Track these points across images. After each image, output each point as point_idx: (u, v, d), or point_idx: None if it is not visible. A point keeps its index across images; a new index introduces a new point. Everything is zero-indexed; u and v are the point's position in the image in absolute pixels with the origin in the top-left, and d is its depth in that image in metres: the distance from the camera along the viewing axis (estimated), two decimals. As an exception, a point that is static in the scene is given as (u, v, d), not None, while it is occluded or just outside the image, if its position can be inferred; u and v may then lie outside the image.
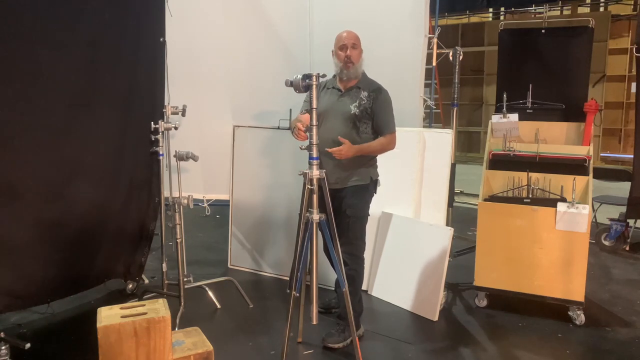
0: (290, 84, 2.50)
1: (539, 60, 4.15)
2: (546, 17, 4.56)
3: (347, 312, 2.58)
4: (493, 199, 3.33)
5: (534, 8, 9.71)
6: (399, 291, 3.02)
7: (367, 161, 2.90)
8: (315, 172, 2.52)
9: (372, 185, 2.93)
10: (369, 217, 2.95)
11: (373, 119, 2.83)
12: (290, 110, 3.51)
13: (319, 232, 2.59)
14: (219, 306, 3.36)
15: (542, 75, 4.09)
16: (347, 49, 2.78)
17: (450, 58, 3.91)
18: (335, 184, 2.83)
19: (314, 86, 2.43)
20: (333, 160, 2.77)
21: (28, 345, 2.66)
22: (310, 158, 2.50)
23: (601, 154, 9.45)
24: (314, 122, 2.47)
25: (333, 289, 3.18)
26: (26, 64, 2.66)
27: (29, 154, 2.74)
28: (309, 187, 2.54)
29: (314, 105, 2.44)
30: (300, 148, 2.57)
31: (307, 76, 2.44)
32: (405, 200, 3.53)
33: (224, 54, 3.89)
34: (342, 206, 2.83)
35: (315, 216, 2.53)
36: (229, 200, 4.11)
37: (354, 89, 2.83)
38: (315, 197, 2.53)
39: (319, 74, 2.46)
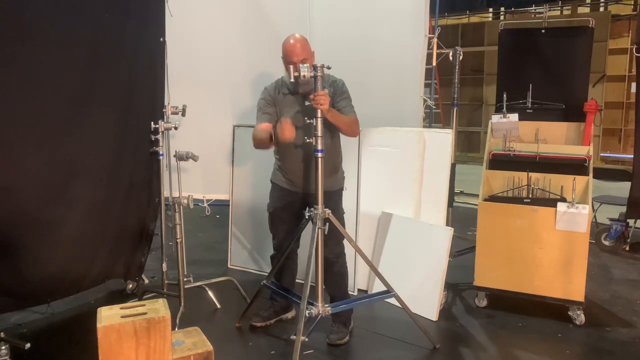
0: (296, 76, 2.47)
1: (539, 60, 4.14)
2: (546, 17, 4.54)
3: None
4: (493, 199, 3.33)
5: (534, 8, 9.72)
6: (399, 291, 3.02)
7: (341, 163, 2.97)
8: (322, 213, 2.58)
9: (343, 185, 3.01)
10: None
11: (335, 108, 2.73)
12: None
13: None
14: (219, 306, 3.36)
15: (542, 75, 4.09)
16: (295, 68, 2.59)
17: (450, 58, 3.91)
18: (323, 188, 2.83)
19: (319, 77, 2.45)
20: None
21: (28, 345, 2.66)
22: (315, 150, 2.54)
23: (601, 154, 9.45)
24: (318, 115, 2.50)
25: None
26: (26, 63, 2.66)
27: (28, 154, 2.73)
28: (320, 227, 2.58)
29: (320, 92, 2.46)
30: (306, 139, 2.59)
31: (314, 67, 2.45)
32: (405, 200, 3.53)
33: (224, 54, 3.89)
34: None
35: (322, 212, 2.57)
36: (229, 200, 4.11)
37: None
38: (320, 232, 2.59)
39: (323, 65, 2.48)
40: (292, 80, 2.52)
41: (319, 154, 2.55)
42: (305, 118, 2.72)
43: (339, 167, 2.96)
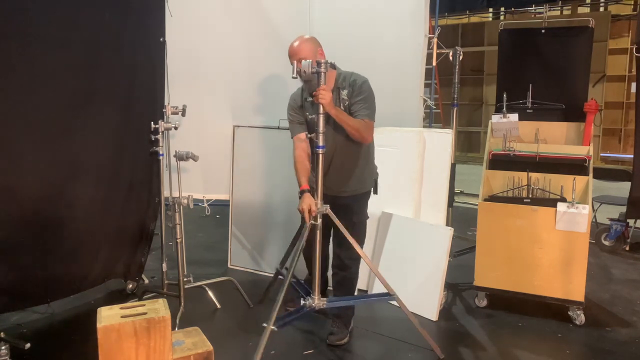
0: (298, 72, 2.47)
1: (539, 60, 4.14)
2: (546, 17, 4.55)
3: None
4: (493, 199, 3.33)
5: (534, 8, 9.71)
6: (399, 291, 3.02)
7: (370, 164, 2.94)
8: (322, 208, 2.56)
9: (373, 187, 2.98)
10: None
11: (351, 110, 2.73)
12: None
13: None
14: (219, 306, 3.35)
15: (542, 75, 4.09)
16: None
17: (450, 58, 3.91)
18: (344, 191, 2.85)
19: (322, 74, 2.43)
20: (338, 167, 2.79)
21: (28, 345, 2.66)
22: (317, 147, 2.51)
23: (601, 154, 9.45)
24: (321, 111, 2.48)
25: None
26: (26, 63, 2.66)
27: (28, 154, 2.73)
28: (313, 222, 2.56)
29: (320, 87, 2.44)
30: (307, 136, 2.59)
31: (316, 63, 2.42)
32: (405, 200, 3.53)
33: (224, 54, 3.89)
34: (346, 212, 2.80)
35: (322, 207, 2.56)
36: (229, 200, 4.11)
37: (333, 92, 2.70)
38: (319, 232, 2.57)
39: (326, 61, 2.46)
40: (293, 76, 2.50)
41: (320, 150, 2.52)
42: (307, 113, 2.72)
43: (364, 168, 2.89)
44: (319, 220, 2.59)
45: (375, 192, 2.99)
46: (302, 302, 2.64)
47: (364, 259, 2.78)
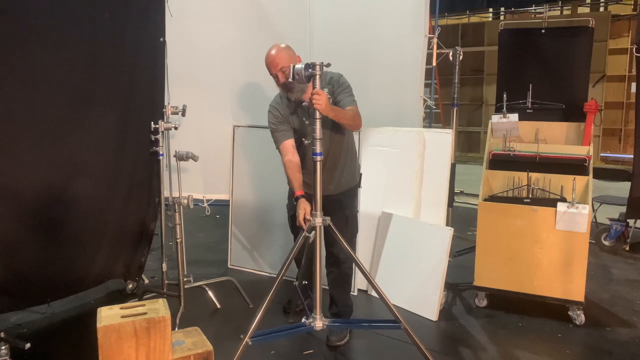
0: (292, 74, 2.42)
1: (539, 60, 4.14)
2: (546, 17, 4.55)
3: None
4: (493, 199, 3.33)
5: (534, 8, 9.71)
6: (399, 291, 3.03)
7: (354, 157, 2.98)
8: (318, 220, 2.46)
9: (359, 181, 3.04)
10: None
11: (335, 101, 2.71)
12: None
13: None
14: (219, 306, 3.36)
15: (542, 75, 4.09)
16: (278, 78, 2.67)
17: (450, 58, 3.91)
18: (335, 189, 2.85)
19: (318, 76, 2.35)
20: (330, 168, 2.80)
21: (28, 345, 2.66)
22: (314, 154, 2.44)
23: (601, 154, 9.45)
24: (317, 116, 2.41)
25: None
26: (26, 63, 2.66)
27: (28, 154, 2.73)
28: (307, 234, 2.48)
29: (315, 90, 2.38)
30: (304, 142, 2.56)
31: (310, 65, 2.34)
32: (405, 200, 3.53)
33: (224, 54, 3.89)
34: (339, 207, 2.80)
35: (319, 219, 2.48)
36: (229, 200, 4.11)
37: None
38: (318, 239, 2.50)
39: (322, 62, 2.38)
40: (290, 79, 2.44)
41: (318, 157, 2.41)
42: (304, 119, 2.72)
43: (350, 163, 2.90)
44: (314, 232, 2.48)
45: (360, 185, 3.02)
46: (303, 320, 2.54)
47: (361, 271, 2.63)
